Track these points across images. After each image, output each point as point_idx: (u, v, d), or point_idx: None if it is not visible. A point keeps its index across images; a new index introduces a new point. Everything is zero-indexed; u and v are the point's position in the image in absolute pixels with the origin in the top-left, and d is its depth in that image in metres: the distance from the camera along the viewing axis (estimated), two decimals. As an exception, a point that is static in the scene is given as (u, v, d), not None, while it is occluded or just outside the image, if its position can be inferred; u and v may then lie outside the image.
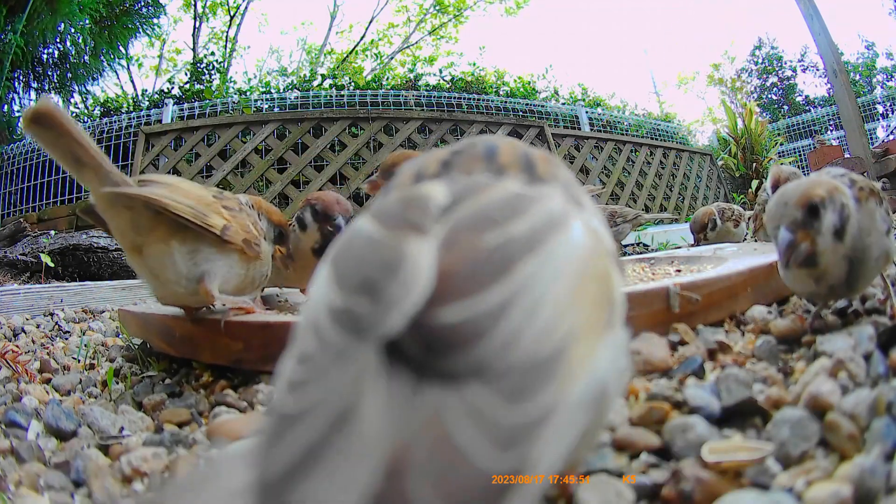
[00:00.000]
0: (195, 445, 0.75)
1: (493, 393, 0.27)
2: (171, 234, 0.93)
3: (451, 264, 0.32)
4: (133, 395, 0.99)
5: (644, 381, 0.74)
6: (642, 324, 0.87)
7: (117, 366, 1.21)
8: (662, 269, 1.58)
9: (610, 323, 0.37)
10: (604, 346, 0.35)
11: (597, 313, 0.35)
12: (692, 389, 0.67)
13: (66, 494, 0.67)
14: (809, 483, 0.49)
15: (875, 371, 0.65)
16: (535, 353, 0.29)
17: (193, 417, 0.86)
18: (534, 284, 0.31)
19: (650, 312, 0.89)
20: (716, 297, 0.96)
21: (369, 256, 0.34)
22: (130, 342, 1.37)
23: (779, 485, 0.50)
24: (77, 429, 0.85)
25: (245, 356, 0.92)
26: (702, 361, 0.79)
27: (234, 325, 0.94)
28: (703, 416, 0.62)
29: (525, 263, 0.32)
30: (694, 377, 0.75)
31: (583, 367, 0.32)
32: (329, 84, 8.87)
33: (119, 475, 0.68)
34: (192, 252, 0.95)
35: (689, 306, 0.91)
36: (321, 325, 0.32)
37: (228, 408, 0.84)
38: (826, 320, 0.87)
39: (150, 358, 1.18)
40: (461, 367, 0.28)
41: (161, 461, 0.69)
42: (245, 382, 0.92)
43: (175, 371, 1.09)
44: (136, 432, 0.83)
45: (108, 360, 1.27)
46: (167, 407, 0.91)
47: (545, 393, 0.28)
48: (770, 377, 0.70)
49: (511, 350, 0.29)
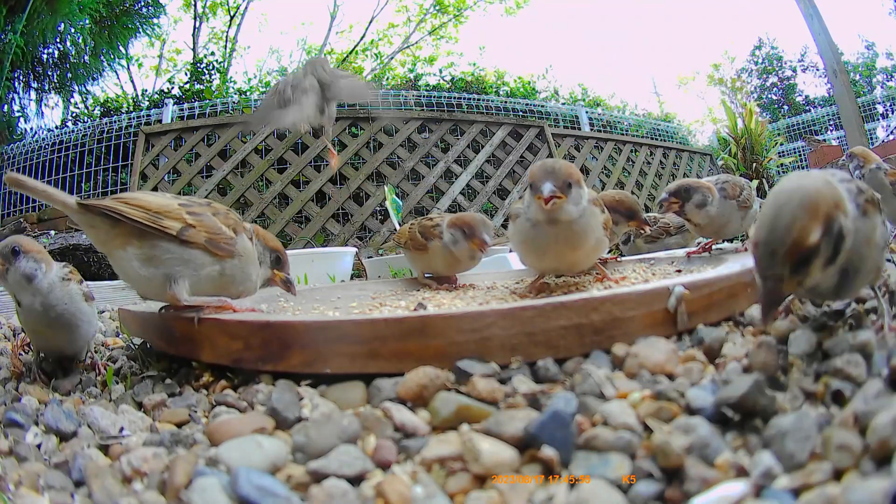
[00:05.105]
0: (195, 445, 0.75)
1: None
2: (129, 240, 1.02)
3: None
4: (133, 395, 0.99)
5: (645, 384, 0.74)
6: (642, 324, 0.87)
7: (117, 366, 1.21)
8: (662, 269, 1.57)
9: None
10: None
11: None
12: (693, 390, 0.67)
13: (66, 494, 0.67)
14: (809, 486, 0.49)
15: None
16: None
17: (193, 417, 0.86)
18: None
19: (650, 312, 0.89)
20: (716, 297, 0.96)
21: None
22: (130, 342, 1.37)
23: (780, 487, 0.50)
24: (77, 429, 0.85)
25: (245, 356, 0.92)
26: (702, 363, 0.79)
27: (234, 324, 0.94)
28: (704, 416, 0.62)
29: None
30: (695, 377, 0.75)
31: None
32: (329, 84, 8.87)
33: (119, 475, 0.68)
34: (151, 255, 1.02)
35: (690, 307, 0.91)
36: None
37: (228, 408, 0.84)
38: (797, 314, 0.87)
39: (150, 358, 1.18)
40: None
41: (161, 461, 0.69)
42: (245, 382, 0.92)
43: (175, 371, 1.08)
44: (136, 432, 0.83)
45: (109, 360, 1.27)
46: (167, 407, 0.91)
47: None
48: (769, 378, 0.70)
49: None
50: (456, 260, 1.60)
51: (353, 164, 5.67)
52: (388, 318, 0.84)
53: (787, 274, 0.66)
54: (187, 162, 5.35)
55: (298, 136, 5.53)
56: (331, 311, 1.32)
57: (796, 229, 0.65)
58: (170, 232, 1.01)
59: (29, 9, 6.24)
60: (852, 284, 0.78)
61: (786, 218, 0.65)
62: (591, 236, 1.21)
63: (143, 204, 1.03)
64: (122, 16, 7.87)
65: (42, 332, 1.11)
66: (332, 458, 0.63)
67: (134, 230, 1.01)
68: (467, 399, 0.71)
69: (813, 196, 0.66)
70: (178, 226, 1.02)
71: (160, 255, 1.02)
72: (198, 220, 1.05)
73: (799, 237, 0.65)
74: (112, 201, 1.02)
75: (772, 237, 0.66)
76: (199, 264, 1.04)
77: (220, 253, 1.06)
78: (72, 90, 7.95)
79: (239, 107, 6.77)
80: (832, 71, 6.80)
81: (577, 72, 36.84)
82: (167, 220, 1.02)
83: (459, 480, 0.59)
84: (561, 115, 7.91)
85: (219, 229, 1.07)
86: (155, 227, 1.00)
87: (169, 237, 1.02)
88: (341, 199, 5.45)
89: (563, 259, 1.25)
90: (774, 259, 0.66)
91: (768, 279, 0.67)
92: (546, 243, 1.21)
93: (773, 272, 0.67)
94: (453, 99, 7.50)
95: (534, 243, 1.24)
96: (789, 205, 0.66)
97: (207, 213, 1.08)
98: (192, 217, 1.05)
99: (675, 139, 9.13)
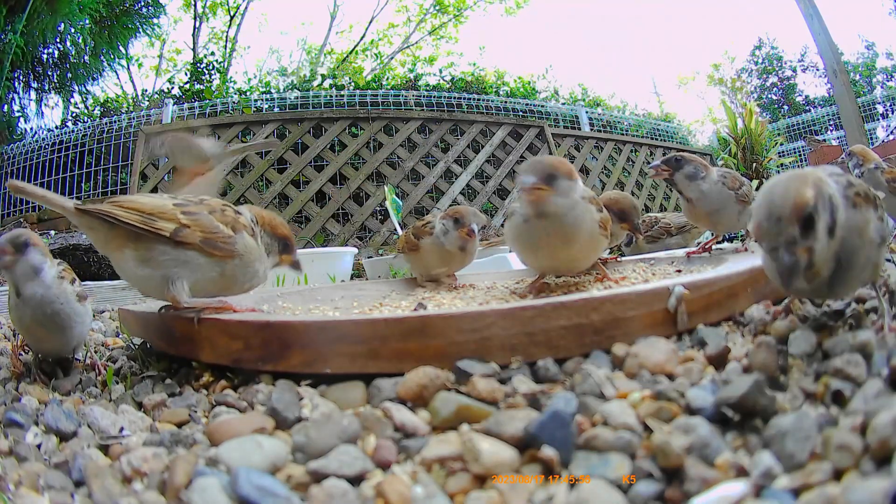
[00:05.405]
0: (195, 445, 0.75)
1: None
2: (126, 243, 1.03)
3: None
4: (133, 395, 0.99)
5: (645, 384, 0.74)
6: (642, 324, 0.87)
7: (117, 366, 1.21)
8: (662, 269, 1.57)
9: None
10: None
11: None
12: (693, 390, 0.67)
13: (66, 494, 0.67)
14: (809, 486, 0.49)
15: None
16: None
17: (193, 417, 0.86)
18: None
19: (650, 312, 0.88)
20: (716, 297, 0.96)
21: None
22: (130, 342, 1.37)
23: (780, 487, 0.50)
24: (77, 429, 0.85)
25: (245, 356, 0.92)
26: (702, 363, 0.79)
27: (234, 324, 0.94)
28: (704, 416, 0.62)
29: None
30: (695, 377, 0.75)
31: None
32: (329, 84, 8.87)
33: (119, 475, 0.68)
34: (148, 257, 1.02)
35: (690, 307, 0.91)
36: None
37: (228, 408, 0.84)
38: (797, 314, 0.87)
39: (150, 358, 1.18)
40: None
41: (161, 461, 0.69)
42: (245, 382, 0.92)
43: (175, 371, 1.08)
44: (136, 432, 0.83)
45: (109, 360, 1.27)
46: (167, 407, 0.91)
47: None
48: (769, 378, 0.70)
49: None
50: (447, 254, 1.60)
51: (353, 164, 5.67)
52: (388, 318, 0.84)
53: (798, 237, 0.70)
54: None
55: (298, 135, 5.54)
56: (331, 311, 1.32)
57: (794, 192, 0.71)
58: (163, 233, 1.01)
59: (29, 9, 6.25)
60: (847, 277, 0.78)
61: (781, 189, 0.72)
62: (583, 230, 1.20)
63: (136, 206, 1.02)
64: (122, 16, 7.87)
65: (34, 330, 1.11)
66: (332, 458, 0.63)
67: (130, 233, 1.01)
68: (467, 399, 0.71)
69: (800, 173, 0.75)
70: (171, 227, 1.02)
71: (157, 257, 1.01)
72: (193, 220, 1.04)
73: (798, 197, 0.70)
74: (108, 205, 1.02)
75: (773, 207, 0.71)
76: (197, 265, 1.04)
77: (217, 253, 1.05)
78: (72, 90, 7.95)
79: (239, 107, 6.76)
80: (832, 71, 6.81)
81: (577, 72, 36.81)
82: (161, 221, 1.02)
83: (459, 480, 0.59)
84: (561, 115, 7.91)
85: (215, 228, 1.05)
86: (148, 229, 1.00)
87: (164, 239, 1.01)
88: (341, 199, 5.46)
89: (557, 254, 1.24)
90: (781, 224, 0.70)
91: (781, 248, 0.71)
92: (538, 237, 1.21)
93: (784, 237, 0.71)
94: (453, 99, 7.49)
95: (526, 238, 1.25)
96: (780, 182, 0.74)
97: (203, 212, 1.06)
98: (187, 217, 1.04)
99: (675, 139, 9.14)
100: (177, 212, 1.04)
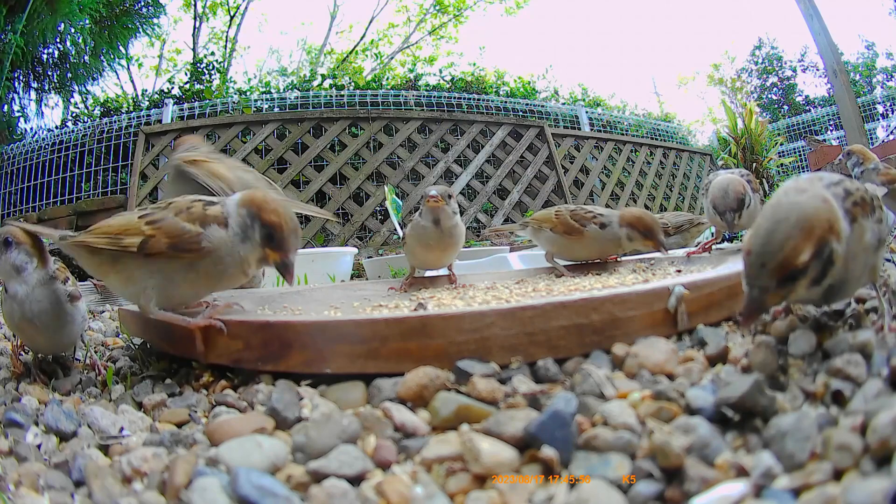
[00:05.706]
0: (195, 445, 0.75)
1: None
2: (108, 266, 1.06)
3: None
4: (133, 395, 0.99)
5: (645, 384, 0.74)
6: (642, 324, 0.87)
7: (117, 366, 1.21)
8: (662, 269, 1.57)
9: None
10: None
11: None
12: (693, 390, 0.67)
13: (66, 494, 0.67)
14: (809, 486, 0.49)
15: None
16: None
17: (193, 417, 0.86)
18: None
19: (650, 312, 0.89)
20: (716, 297, 0.96)
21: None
22: (130, 342, 1.37)
23: (780, 487, 0.50)
24: (77, 429, 0.85)
25: (245, 356, 0.92)
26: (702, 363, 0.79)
27: (234, 324, 0.94)
28: (704, 416, 0.62)
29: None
30: (695, 377, 0.75)
31: None
32: (329, 84, 8.84)
33: (119, 475, 0.68)
34: (128, 275, 1.04)
35: (690, 307, 0.91)
36: None
37: (228, 408, 0.84)
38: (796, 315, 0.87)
39: (150, 358, 1.18)
40: None
41: (161, 461, 0.69)
42: (245, 382, 0.92)
43: (175, 371, 1.08)
44: (136, 432, 0.83)
45: (109, 360, 1.27)
46: (167, 407, 0.91)
47: None
48: (769, 378, 0.70)
49: None
50: (426, 234, 1.57)
51: (353, 164, 5.67)
52: (388, 318, 0.84)
53: (772, 287, 0.68)
54: (187, 162, 5.34)
55: (298, 135, 5.54)
56: (331, 311, 1.32)
57: (788, 247, 0.66)
58: (131, 249, 1.00)
59: (29, 9, 6.24)
60: (844, 287, 0.78)
61: (780, 234, 0.67)
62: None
63: (104, 230, 1.04)
64: (122, 16, 7.87)
65: (23, 328, 1.12)
66: (332, 458, 0.63)
67: (108, 256, 1.04)
68: (467, 399, 0.71)
69: (810, 216, 0.68)
70: (137, 240, 1.00)
71: (134, 273, 1.03)
72: (156, 229, 1.01)
73: (789, 255, 0.66)
74: (83, 234, 1.07)
75: (764, 250, 0.68)
76: (172, 271, 1.02)
77: (186, 256, 1.00)
78: (72, 90, 7.94)
79: (239, 107, 6.76)
80: (832, 71, 6.81)
81: (577, 72, 36.84)
82: (127, 238, 1.01)
83: (459, 480, 0.59)
84: (561, 115, 7.90)
85: (180, 231, 1.00)
86: (118, 248, 1.01)
87: (135, 254, 1.01)
88: (341, 199, 5.45)
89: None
90: (763, 271, 0.68)
91: (754, 288, 0.69)
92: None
93: (759, 283, 0.68)
94: (453, 99, 7.49)
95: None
96: (786, 222, 0.68)
97: (169, 216, 1.02)
98: (151, 227, 1.01)
99: (675, 139, 9.13)
100: (141, 224, 1.03)
